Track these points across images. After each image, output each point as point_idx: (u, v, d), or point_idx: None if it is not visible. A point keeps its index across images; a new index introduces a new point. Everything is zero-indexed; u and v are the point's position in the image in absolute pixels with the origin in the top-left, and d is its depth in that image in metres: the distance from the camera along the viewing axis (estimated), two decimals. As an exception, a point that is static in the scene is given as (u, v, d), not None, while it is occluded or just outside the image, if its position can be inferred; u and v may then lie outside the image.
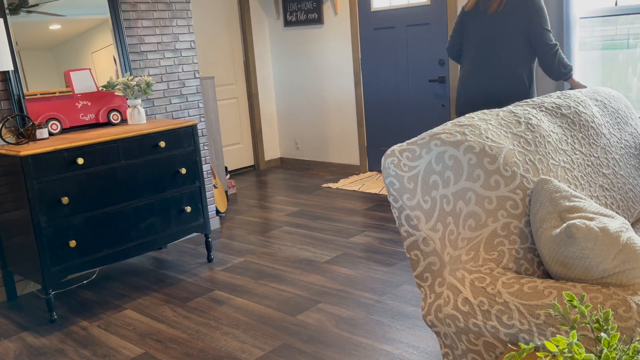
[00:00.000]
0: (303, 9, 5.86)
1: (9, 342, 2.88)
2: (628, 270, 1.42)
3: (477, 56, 3.32)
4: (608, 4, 4.00)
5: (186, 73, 4.15)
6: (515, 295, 1.47)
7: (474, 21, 3.34)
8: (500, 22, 3.24)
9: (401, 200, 1.71)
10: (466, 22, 3.39)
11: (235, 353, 2.61)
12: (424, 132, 1.88)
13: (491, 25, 3.27)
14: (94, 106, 3.51)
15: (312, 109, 6.10)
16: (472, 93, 3.33)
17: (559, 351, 0.97)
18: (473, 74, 3.34)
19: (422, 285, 1.70)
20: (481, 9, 3.31)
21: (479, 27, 3.33)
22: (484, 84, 3.29)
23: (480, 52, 3.32)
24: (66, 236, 3.01)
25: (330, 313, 2.92)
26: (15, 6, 3.27)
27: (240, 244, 4.01)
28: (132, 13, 3.81)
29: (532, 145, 1.89)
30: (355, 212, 4.54)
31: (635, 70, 4.04)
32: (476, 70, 3.32)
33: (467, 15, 3.38)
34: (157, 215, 3.38)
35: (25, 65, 3.31)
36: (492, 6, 3.25)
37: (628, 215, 2.22)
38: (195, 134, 3.52)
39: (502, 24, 3.23)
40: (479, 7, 3.32)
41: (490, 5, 3.26)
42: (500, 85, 3.24)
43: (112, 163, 3.16)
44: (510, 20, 3.20)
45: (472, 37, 3.35)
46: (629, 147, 2.44)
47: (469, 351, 1.57)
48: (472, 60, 3.35)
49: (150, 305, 3.17)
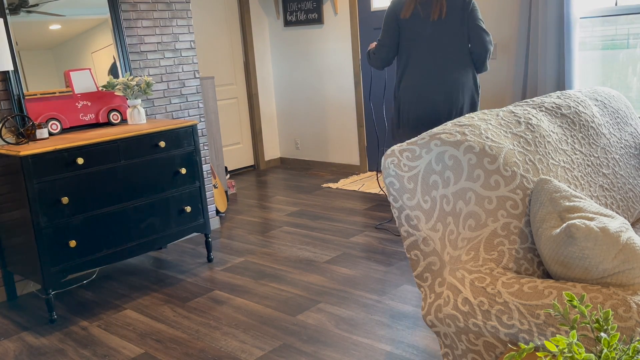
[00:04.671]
0: (303, 9, 5.86)
1: (9, 342, 2.88)
2: (628, 270, 1.42)
3: (429, 64, 3.24)
4: (608, 4, 4.00)
5: (186, 73, 4.15)
6: (515, 295, 1.47)
7: (416, 28, 3.25)
8: (444, 28, 3.21)
9: (401, 200, 1.71)
10: (404, 29, 3.28)
11: (235, 353, 2.61)
12: (424, 132, 1.88)
13: (435, 33, 3.22)
14: (94, 106, 3.51)
15: (312, 109, 6.10)
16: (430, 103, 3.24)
17: (559, 351, 0.97)
18: (428, 83, 3.24)
19: (422, 285, 1.70)
20: (422, 16, 3.23)
21: (423, 34, 3.24)
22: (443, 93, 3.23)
23: (432, 60, 3.24)
24: (66, 236, 3.01)
25: (330, 313, 2.92)
26: (15, 6, 3.27)
27: (240, 244, 4.01)
28: (132, 13, 3.81)
29: (532, 145, 1.89)
30: (355, 212, 4.54)
31: (635, 70, 4.04)
32: (431, 79, 3.24)
33: (404, 22, 3.27)
34: (157, 215, 3.38)
35: (25, 65, 3.31)
36: (434, 14, 3.20)
37: (628, 215, 2.22)
38: (195, 134, 3.52)
39: (446, 30, 3.21)
40: (419, 15, 3.24)
41: (431, 12, 3.21)
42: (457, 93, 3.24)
43: (112, 163, 3.16)
44: (454, 25, 3.20)
45: (418, 45, 3.25)
46: (629, 147, 2.44)
47: (469, 351, 1.57)
48: (423, 69, 3.25)
49: (150, 305, 3.17)
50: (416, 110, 3.29)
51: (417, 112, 3.29)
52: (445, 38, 3.22)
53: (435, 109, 3.26)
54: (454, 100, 3.24)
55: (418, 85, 3.27)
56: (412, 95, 3.29)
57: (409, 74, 3.31)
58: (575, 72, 4.05)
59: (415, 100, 3.28)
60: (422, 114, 3.29)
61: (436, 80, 3.24)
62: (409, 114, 3.32)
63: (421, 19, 3.23)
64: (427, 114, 3.28)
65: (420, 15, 3.23)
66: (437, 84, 3.24)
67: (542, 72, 4.10)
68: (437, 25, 3.21)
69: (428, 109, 3.27)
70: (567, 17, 3.98)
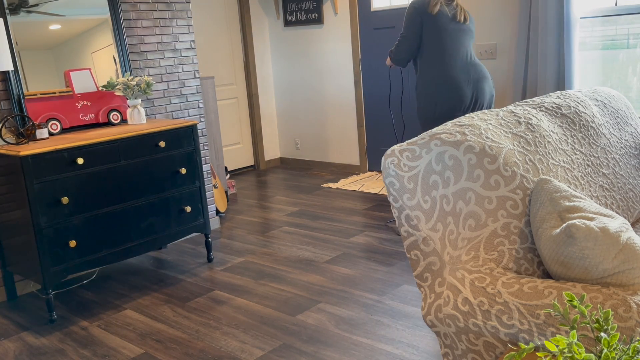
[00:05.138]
0: (303, 9, 5.86)
1: (9, 342, 2.88)
2: (628, 270, 1.42)
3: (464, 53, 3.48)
4: (608, 4, 4.00)
5: (186, 73, 4.15)
6: (515, 295, 1.47)
7: (445, 24, 3.45)
8: (464, 30, 3.50)
9: (401, 200, 1.71)
10: (430, 24, 3.45)
11: (235, 353, 2.61)
12: (424, 132, 1.88)
13: (459, 31, 3.48)
14: (94, 106, 3.51)
15: (312, 109, 6.10)
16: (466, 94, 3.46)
17: (559, 351, 0.97)
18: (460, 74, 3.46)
19: (422, 285, 1.70)
20: (450, 15, 3.46)
21: (453, 28, 3.47)
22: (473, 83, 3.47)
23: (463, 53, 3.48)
24: (66, 236, 3.01)
25: (330, 313, 2.92)
26: (15, 6, 3.27)
27: (240, 244, 4.01)
28: (132, 13, 3.81)
29: (532, 145, 1.89)
30: (355, 212, 4.54)
31: (635, 70, 4.04)
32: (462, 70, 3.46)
33: (431, 18, 3.45)
34: (157, 215, 3.38)
35: (25, 65, 3.31)
36: (460, 17, 3.48)
37: (628, 215, 2.22)
38: (195, 134, 3.52)
39: (465, 33, 3.51)
40: (446, 13, 3.45)
41: (456, 14, 3.47)
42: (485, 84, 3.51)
43: (112, 163, 3.16)
44: (469, 32, 3.53)
45: (450, 36, 3.45)
46: (629, 147, 2.44)
47: (469, 351, 1.57)
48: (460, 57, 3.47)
49: (150, 305, 3.17)
50: (449, 100, 3.46)
51: (451, 102, 3.46)
52: (466, 38, 3.50)
53: (464, 99, 3.45)
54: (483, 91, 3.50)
55: (452, 75, 3.45)
56: (446, 85, 3.46)
57: (445, 65, 3.46)
58: (575, 72, 4.05)
59: (448, 89, 3.45)
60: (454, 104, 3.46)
61: (467, 71, 3.46)
62: (443, 105, 3.47)
63: (447, 16, 3.45)
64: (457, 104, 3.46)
65: (447, 13, 3.45)
66: (468, 75, 3.46)
67: (542, 72, 4.10)
68: (459, 25, 3.47)
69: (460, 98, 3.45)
70: (567, 17, 3.97)
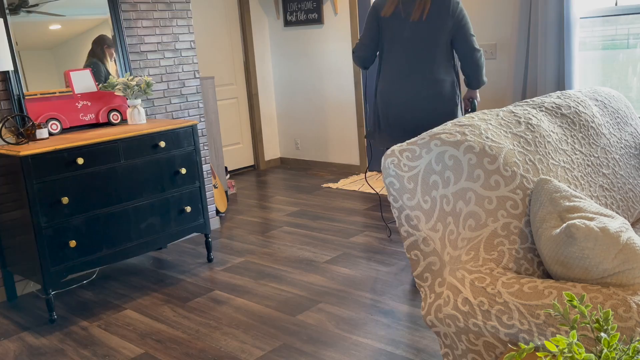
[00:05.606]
0: (303, 9, 5.86)
1: (9, 342, 2.88)
2: (628, 270, 1.42)
3: (403, 69, 3.07)
4: (608, 4, 4.00)
5: (186, 73, 4.15)
6: (515, 295, 1.47)
7: (395, 28, 3.06)
8: (424, 31, 3.02)
9: (401, 200, 1.71)
10: (384, 28, 3.09)
11: (235, 353, 2.61)
12: (424, 132, 1.88)
13: (415, 34, 3.03)
14: (94, 106, 3.51)
15: (312, 109, 6.10)
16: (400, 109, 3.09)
17: (559, 351, 0.97)
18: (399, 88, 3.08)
19: (422, 285, 1.70)
20: (403, 15, 3.03)
21: (401, 36, 3.05)
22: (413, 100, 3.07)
23: (407, 65, 3.07)
24: (66, 236, 3.01)
25: (330, 313, 2.92)
26: (15, 6, 3.27)
27: (240, 244, 4.01)
28: (132, 13, 3.81)
29: (532, 145, 1.89)
30: (355, 212, 4.54)
31: (635, 70, 4.04)
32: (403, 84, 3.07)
33: (384, 21, 3.08)
34: (157, 215, 3.38)
35: (25, 65, 3.31)
36: (415, 14, 2.99)
37: (628, 215, 2.22)
38: (195, 134, 3.52)
39: (426, 32, 3.02)
40: (400, 14, 3.04)
41: (412, 12, 3.01)
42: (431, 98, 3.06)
43: (112, 163, 3.16)
44: (435, 29, 3.00)
45: (395, 45, 3.08)
46: (629, 147, 2.44)
47: (469, 351, 1.57)
48: (397, 70, 3.09)
49: (150, 305, 3.17)
50: (388, 115, 3.14)
51: (389, 118, 3.15)
52: (422, 42, 3.03)
53: (404, 115, 3.11)
54: (423, 108, 3.07)
55: (391, 89, 3.11)
56: (386, 99, 3.14)
57: (383, 77, 3.16)
58: (575, 72, 4.05)
59: (387, 104, 3.13)
60: (392, 121, 3.14)
61: (407, 85, 3.07)
62: (386, 119, 3.17)
63: (401, 18, 3.04)
64: (397, 120, 3.13)
65: (401, 14, 3.03)
66: (407, 90, 3.07)
67: (542, 72, 4.10)
68: (416, 26, 3.02)
69: (398, 115, 3.12)
70: (567, 17, 3.97)
